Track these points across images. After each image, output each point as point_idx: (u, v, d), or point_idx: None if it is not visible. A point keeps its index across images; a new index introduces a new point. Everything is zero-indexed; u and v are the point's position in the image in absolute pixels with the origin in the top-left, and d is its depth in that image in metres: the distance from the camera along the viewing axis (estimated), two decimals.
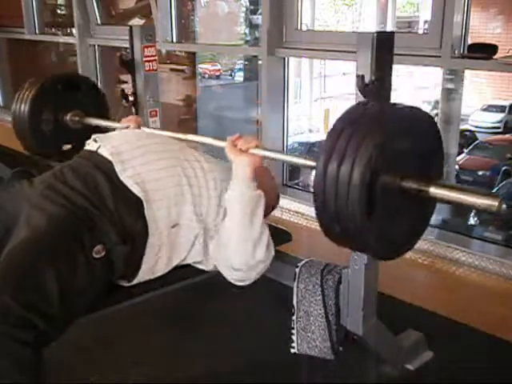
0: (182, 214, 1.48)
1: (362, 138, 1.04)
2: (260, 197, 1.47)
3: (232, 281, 1.50)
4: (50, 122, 2.15)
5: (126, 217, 1.39)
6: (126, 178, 1.43)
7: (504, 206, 1.06)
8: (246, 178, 1.45)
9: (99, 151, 1.51)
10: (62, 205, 1.36)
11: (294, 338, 1.54)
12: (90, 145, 1.57)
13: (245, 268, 1.45)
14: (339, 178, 1.04)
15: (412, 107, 1.17)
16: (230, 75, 7.16)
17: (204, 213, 1.51)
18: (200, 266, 1.55)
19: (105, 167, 1.45)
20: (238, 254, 1.45)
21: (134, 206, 1.41)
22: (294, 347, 1.55)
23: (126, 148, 1.51)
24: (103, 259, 1.33)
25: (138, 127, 1.85)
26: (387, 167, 1.07)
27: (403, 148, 1.12)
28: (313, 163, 1.23)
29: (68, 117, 2.17)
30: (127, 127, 1.85)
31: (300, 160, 1.47)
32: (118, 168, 1.44)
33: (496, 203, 1.06)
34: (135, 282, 1.44)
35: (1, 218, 1.42)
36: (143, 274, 1.44)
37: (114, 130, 1.97)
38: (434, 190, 1.13)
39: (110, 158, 1.47)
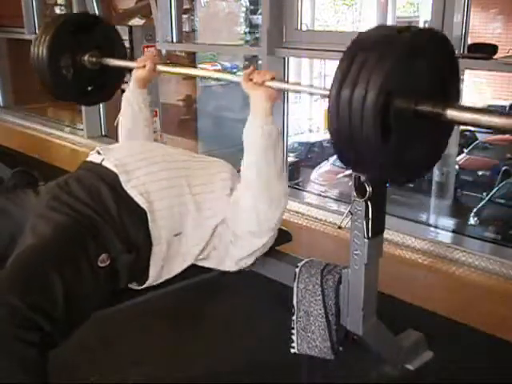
0: (185, 223, 1.49)
1: (376, 61, 1.01)
2: (278, 130, 1.48)
3: (235, 264, 1.52)
4: (69, 65, 2.12)
5: (130, 226, 1.40)
6: (131, 188, 1.44)
7: None
8: (265, 111, 1.45)
9: (103, 164, 1.52)
10: (67, 214, 1.37)
11: (294, 337, 1.54)
12: (94, 157, 1.58)
13: (269, 203, 1.46)
14: (353, 102, 1.02)
15: (427, 29, 1.14)
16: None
17: (208, 219, 1.51)
18: (203, 264, 1.56)
19: (109, 178, 1.46)
20: (263, 188, 1.46)
21: (137, 216, 1.42)
22: (294, 347, 1.55)
23: (130, 160, 1.52)
24: (108, 268, 1.34)
25: (155, 67, 1.84)
26: (402, 90, 1.05)
27: (418, 71, 1.09)
28: (326, 92, 1.22)
29: (86, 58, 2.14)
30: (144, 66, 1.84)
31: (315, 90, 1.52)
32: (122, 178, 1.45)
33: None
34: (144, 287, 1.46)
35: (7, 226, 1.43)
36: (150, 282, 1.46)
37: (130, 70, 1.97)
38: (450, 113, 1.10)
39: (114, 169, 1.48)
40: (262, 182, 1.45)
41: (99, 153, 1.57)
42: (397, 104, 1.04)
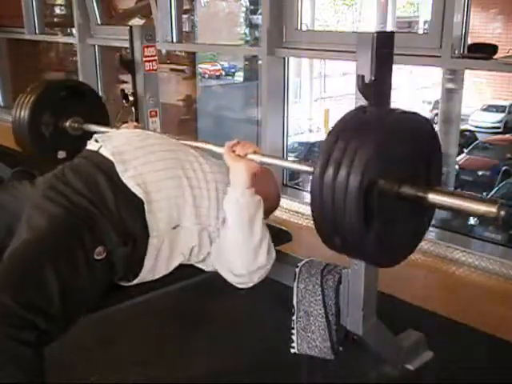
0: (183, 216, 1.47)
1: (359, 144, 1.04)
2: (258, 203, 1.45)
3: (233, 283, 1.50)
4: (50, 127, 2.17)
5: (127, 218, 1.39)
6: (128, 178, 1.43)
7: (503, 211, 1.05)
8: (243, 184, 1.44)
9: (100, 151, 1.51)
10: (63, 205, 1.36)
11: (294, 337, 1.54)
12: (92, 144, 1.57)
13: (246, 273, 1.45)
14: (336, 185, 1.04)
15: (410, 112, 1.16)
16: (229, 74, 7.16)
17: (205, 214, 1.51)
18: (201, 266, 1.55)
19: (106, 167, 1.45)
20: (238, 260, 1.44)
21: (135, 207, 1.40)
22: (294, 347, 1.55)
23: (128, 148, 1.50)
24: (104, 260, 1.32)
25: None
26: (385, 174, 1.07)
27: (401, 154, 1.11)
28: (310, 169, 1.23)
29: (68, 123, 2.18)
30: None
31: (298, 166, 1.48)
32: (119, 168, 1.44)
33: (494, 209, 1.06)
34: (136, 282, 1.44)
35: (3, 217, 1.42)
36: (144, 275, 1.44)
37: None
38: (432, 197, 1.13)
39: (111, 158, 1.46)
40: (238, 253, 1.44)
41: (97, 140, 1.56)
42: (380, 188, 1.06)
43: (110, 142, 1.53)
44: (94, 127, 2.16)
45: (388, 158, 1.07)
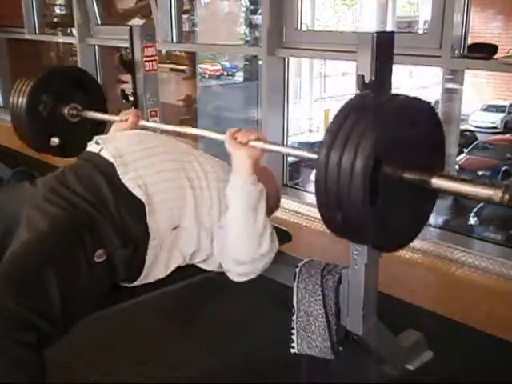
0: (184, 217, 1.47)
1: (364, 128, 1.03)
2: (261, 191, 1.46)
3: (236, 277, 1.50)
4: (48, 111, 2.15)
5: (128, 220, 1.39)
6: (128, 180, 1.43)
7: (507, 195, 1.04)
8: (245, 171, 1.44)
9: (101, 153, 1.51)
10: (63, 207, 1.36)
11: (294, 337, 1.54)
12: (92, 146, 1.57)
13: (250, 261, 1.45)
14: (341, 168, 1.04)
15: (414, 98, 1.16)
16: (230, 74, 7.15)
17: (206, 214, 1.51)
18: (202, 266, 1.55)
19: (107, 170, 1.45)
20: (242, 248, 1.44)
21: (135, 208, 1.40)
22: (294, 347, 1.55)
23: (128, 150, 1.50)
24: (104, 263, 1.33)
25: (137, 121, 1.85)
26: (389, 158, 1.07)
27: (405, 139, 1.11)
28: (314, 155, 1.23)
29: (66, 109, 2.17)
30: (126, 120, 1.85)
31: (301, 152, 1.47)
32: (120, 170, 1.44)
33: (500, 193, 1.05)
34: (135, 283, 1.44)
35: (3, 218, 1.41)
36: (143, 277, 1.44)
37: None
38: (435, 181, 1.12)
39: (112, 160, 1.46)
40: (241, 240, 1.44)
41: (97, 142, 1.56)
42: (385, 170, 1.06)
43: (110, 144, 1.52)
44: (92, 114, 2.16)
45: (393, 142, 1.07)
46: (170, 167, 1.50)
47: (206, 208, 1.51)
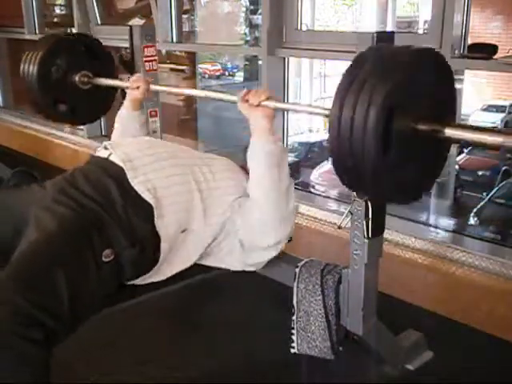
0: (192, 220, 1.49)
1: (377, 80, 1.03)
2: (282, 149, 1.48)
3: (264, 255, 1.53)
4: (59, 76, 2.15)
5: (136, 222, 1.40)
6: (138, 184, 1.44)
7: None
8: (266, 131, 1.46)
9: (110, 158, 1.52)
10: (72, 208, 1.38)
11: (294, 338, 1.54)
12: (101, 152, 1.59)
13: (279, 221, 1.47)
14: (354, 121, 1.03)
15: (425, 48, 1.16)
16: (231, 75, 7.15)
17: (216, 213, 1.52)
18: (217, 265, 1.57)
19: (116, 174, 1.47)
20: (271, 208, 1.46)
21: (144, 211, 1.42)
22: (294, 347, 1.55)
23: (138, 155, 1.52)
24: (112, 263, 1.34)
25: (148, 87, 1.87)
26: (402, 108, 1.06)
27: (417, 90, 1.10)
28: (326, 111, 1.22)
29: (77, 77, 2.16)
30: (137, 87, 1.87)
31: (314, 109, 1.48)
32: (129, 174, 1.46)
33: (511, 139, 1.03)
34: (138, 281, 1.45)
35: (11, 219, 1.43)
36: (148, 276, 1.45)
37: (122, 90, 2.02)
38: (448, 131, 1.11)
39: (121, 164, 1.48)
40: (269, 201, 1.46)
41: (106, 148, 1.58)
42: (398, 119, 1.05)
43: (119, 150, 1.55)
44: (103, 80, 2.15)
45: (405, 93, 1.07)
46: (178, 171, 1.52)
47: (216, 207, 1.52)
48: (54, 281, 1.20)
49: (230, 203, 1.53)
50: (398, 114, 1.04)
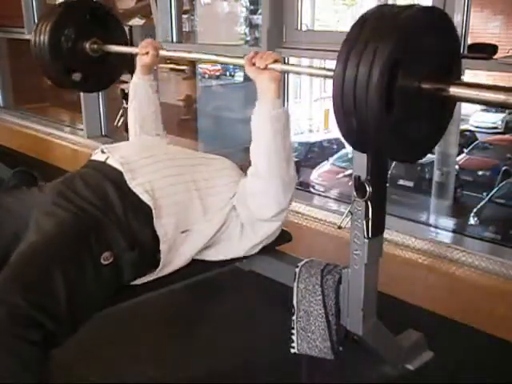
0: (192, 219, 1.49)
1: (380, 38, 1.02)
2: (288, 114, 1.47)
3: (267, 224, 1.53)
4: (69, 45, 2.14)
5: (135, 224, 1.41)
6: (136, 186, 1.45)
7: None
8: (272, 95, 1.44)
9: (108, 162, 1.53)
10: (71, 211, 1.38)
11: (294, 338, 1.54)
12: (98, 155, 1.59)
13: (281, 188, 1.46)
14: (358, 79, 1.03)
15: (429, 7, 1.15)
16: (231, 75, 7.15)
17: (216, 209, 1.52)
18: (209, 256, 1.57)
19: (114, 177, 1.47)
20: (274, 174, 1.45)
21: (143, 213, 1.42)
22: (294, 347, 1.55)
23: (135, 158, 1.53)
24: (111, 265, 1.34)
25: (157, 53, 1.86)
26: (406, 67, 1.06)
27: (420, 49, 1.09)
28: (330, 72, 1.22)
29: (87, 44, 2.16)
30: (147, 53, 1.86)
31: (318, 71, 1.47)
32: (127, 176, 1.46)
33: None
34: (140, 282, 1.46)
35: (10, 222, 1.43)
36: (149, 276, 1.46)
37: (132, 55, 2.02)
38: (453, 89, 1.10)
39: (119, 167, 1.49)
40: (272, 167, 1.45)
41: (103, 151, 1.58)
42: (402, 77, 1.04)
43: (116, 153, 1.55)
44: (112, 47, 2.15)
45: (409, 51, 1.06)
46: (176, 172, 1.53)
47: (216, 203, 1.53)
48: (52, 281, 1.20)
49: (229, 200, 1.54)
50: (401, 72, 1.04)
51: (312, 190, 5.88)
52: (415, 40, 1.08)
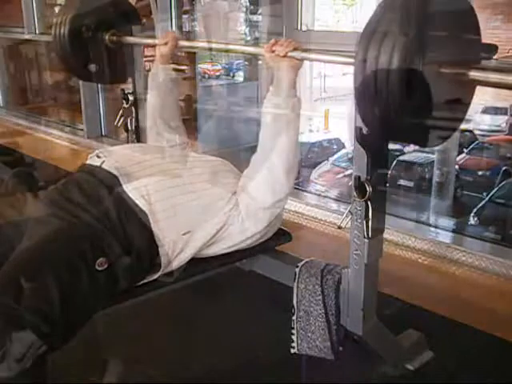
0: (192, 221, 1.49)
1: (400, 25, 1.04)
2: (300, 102, 1.50)
3: (269, 209, 1.54)
4: (90, 43, 2.15)
5: (131, 230, 1.40)
6: (132, 190, 1.44)
7: None
8: (289, 83, 1.47)
9: (103, 166, 1.52)
10: (65, 219, 1.38)
11: (294, 337, 1.54)
12: (93, 159, 1.58)
13: (286, 174, 1.51)
14: (378, 65, 1.04)
15: None
16: (232, 75, 7.15)
17: (216, 208, 1.52)
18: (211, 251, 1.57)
19: (109, 181, 1.47)
20: (283, 160, 1.49)
21: (139, 219, 1.41)
22: (294, 347, 1.55)
23: (130, 163, 1.53)
24: (106, 271, 1.33)
25: (176, 44, 1.89)
26: (426, 52, 1.06)
27: (441, 33, 1.10)
28: (350, 59, 1.23)
29: (107, 37, 2.16)
30: (166, 43, 1.88)
31: (338, 58, 1.47)
32: (123, 181, 1.46)
33: None
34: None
35: (5, 232, 1.43)
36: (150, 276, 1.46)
37: (152, 47, 2.05)
38: (473, 73, 1.11)
39: (114, 172, 1.48)
40: (281, 153, 1.48)
41: (99, 156, 1.57)
42: (422, 62, 1.05)
43: (112, 157, 1.55)
44: (131, 39, 2.16)
45: (429, 36, 1.07)
46: (172, 175, 1.53)
47: (215, 207, 1.52)
48: (45, 284, 1.20)
49: (228, 199, 1.54)
50: (421, 57, 1.05)
51: (312, 190, 5.87)
52: (435, 25, 1.09)
